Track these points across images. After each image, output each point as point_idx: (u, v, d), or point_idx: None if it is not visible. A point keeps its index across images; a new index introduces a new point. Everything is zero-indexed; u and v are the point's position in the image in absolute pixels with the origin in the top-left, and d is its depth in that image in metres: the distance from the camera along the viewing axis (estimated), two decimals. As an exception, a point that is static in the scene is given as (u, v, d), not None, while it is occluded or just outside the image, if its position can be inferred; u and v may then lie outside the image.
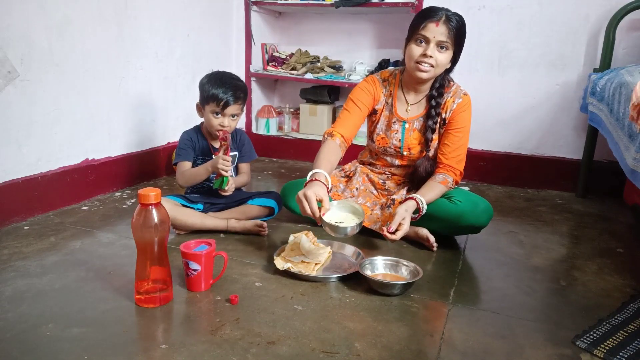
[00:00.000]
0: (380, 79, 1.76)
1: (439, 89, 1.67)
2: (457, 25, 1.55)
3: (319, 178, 1.44)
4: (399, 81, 1.74)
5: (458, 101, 1.68)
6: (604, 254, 1.70)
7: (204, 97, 1.72)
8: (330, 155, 1.58)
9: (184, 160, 1.77)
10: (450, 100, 1.68)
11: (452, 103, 1.68)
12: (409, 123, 1.73)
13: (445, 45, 1.56)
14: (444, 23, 1.54)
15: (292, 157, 3.00)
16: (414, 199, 1.59)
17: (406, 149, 1.74)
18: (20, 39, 1.72)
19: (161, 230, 1.20)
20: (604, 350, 1.11)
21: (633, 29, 2.29)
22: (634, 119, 1.40)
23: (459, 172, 1.70)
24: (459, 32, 1.57)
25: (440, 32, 1.54)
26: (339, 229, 1.37)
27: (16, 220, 1.77)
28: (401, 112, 1.73)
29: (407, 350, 1.10)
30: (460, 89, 1.70)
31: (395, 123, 1.74)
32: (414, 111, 1.73)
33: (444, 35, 1.54)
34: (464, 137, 1.69)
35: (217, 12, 2.79)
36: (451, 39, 1.55)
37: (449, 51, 1.58)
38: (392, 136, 1.75)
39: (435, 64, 1.57)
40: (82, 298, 1.27)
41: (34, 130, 1.82)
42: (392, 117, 1.74)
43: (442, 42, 1.55)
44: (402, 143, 1.74)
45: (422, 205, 1.59)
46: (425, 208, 1.60)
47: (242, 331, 1.14)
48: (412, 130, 1.73)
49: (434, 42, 1.55)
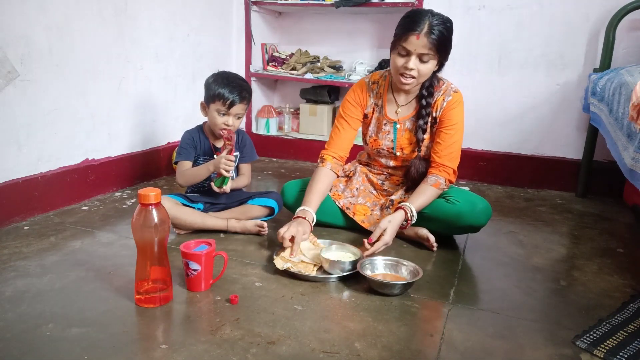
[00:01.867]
0: (370, 82, 1.76)
1: (429, 89, 1.66)
2: (439, 35, 1.51)
3: (305, 216, 1.59)
4: (388, 83, 1.74)
5: (448, 99, 1.66)
6: (604, 254, 1.70)
7: (210, 96, 1.72)
8: (321, 185, 1.69)
9: (184, 160, 1.77)
10: (440, 98, 1.67)
11: (442, 101, 1.67)
12: (400, 124, 1.72)
13: (427, 57, 1.54)
14: (425, 35, 1.50)
15: (292, 157, 3.00)
16: (402, 209, 1.59)
17: (399, 149, 1.74)
18: (20, 39, 1.72)
19: (161, 230, 1.20)
20: (604, 350, 1.11)
21: (633, 29, 2.29)
22: (634, 119, 1.40)
23: (452, 170, 1.68)
24: (442, 41, 1.52)
25: (421, 45, 1.51)
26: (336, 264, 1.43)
27: (16, 220, 1.77)
28: (391, 113, 1.73)
29: (407, 350, 1.10)
30: (451, 87, 1.69)
31: (386, 125, 1.74)
32: (405, 112, 1.73)
33: (425, 48, 1.51)
34: (456, 135, 1.68)
35: (217, 12, 2.79)
36: (433, 50, 1.52)
37: (432, 61, 1.56)
38: (384, 137, 1.75)
39: (417, 75, 1.57)
40: (82, 298, 1.27)
41: (34, 130, 1.82)
42: (383, 119, 1.74)
43: (423, 55, 1.53)
44: (395, 144, 1.74)
45: (411, 213, 1.59)
46: (415, 216, 1.60)
47: (242, 331, 1.14)
48: (404, 130, 1.73)
49: (415, 55, 1.53)
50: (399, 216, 1.57)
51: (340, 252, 1.51)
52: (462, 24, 2.53)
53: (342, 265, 1.42)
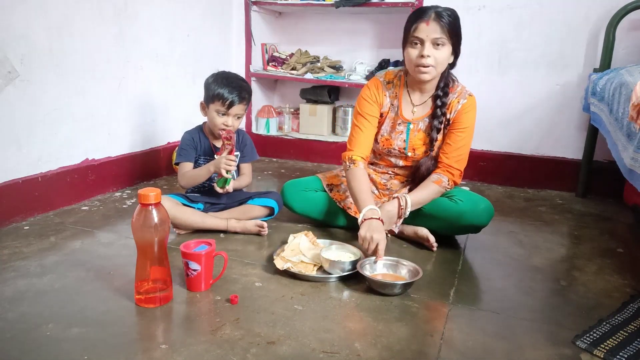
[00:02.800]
0: (385, 81, 1.74)
1: (444, 89, 1.66)
2: (449, 20, 1.54)
3: (377, 216, 1.51)
4: (404, 82, 1.73)
5: (463, 102, 1.66)
6: (604, 254, 1.70)
7: (209, 96, 1.72)
8: (366, 184, 1.64)
9: (185, 162, 1.77)
10: (455, 101, 1.67)
11: (457, 104, 1.67)
12: (414, 124, 1.71)
13: (441, 41, 1.55)
14: (435, 20, 1.53)
15: (292, 157, 3.00)
16: (397, 198, 1.61)
17: (411, 149, 1.73)
18: (20, 39, 1.72)
19: (161, 230, 1.20)
20: (604, 350, 1.11)
21: (633, 29, 2.29)
22: (634, 119, 1.40)
23: (459, 172, 1.69)
24: (453, 26, 1.55)
25: (432, 29, 1.53)
26: (336, 263, 1.43)
27: (16, 220, 1.77)
28: (407, 113, 1.72)
29: (407, 350, 1.10)
30: (466, 90, 1.69)
31: (400, 124, 1.73)
32: (420, 112, 1.72)
33: (437, 32, 1.53)
34: (467, 138, 1.68)
35: (217, 12, 2.79)
36: (445, 34, 1.54)
37: (446, 47, 1.56)
38: (397, 137, 1.74)
39: (434, 62, 1.56)
40: (82, 298, 1.27)
41: (34, 130, 1.82)
42: (398, 118, 1.73)
43: (436, 39, 1.54)
44: (407, 144, 1.73)
45: (405, 202, 1.60)
46: (409, 205, 1.60)
47: (242, 331, 1.14)
48: (417, 131, 1.72)
49: (429, 41, 1.54)
50: (391, 206, 1.60)
51: (340, 252, 1.51)
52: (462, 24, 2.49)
53: (342, 265, 1.42)
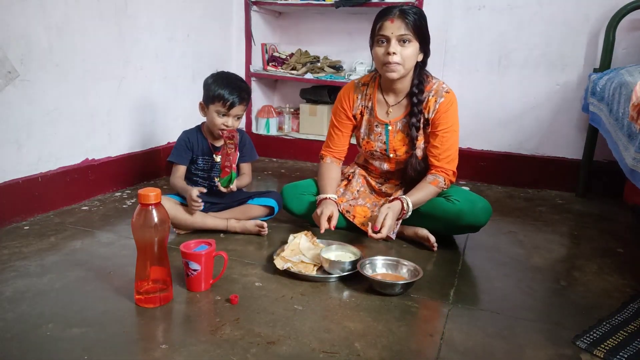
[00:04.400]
0: (360, 83, 1.77)
1: (419, 86, 1.66)
2: (414, 18, 1.54)
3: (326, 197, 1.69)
4: (378, 84, 1.74)
5: (440, 100, 1.65)
6: (604, 254, 1.70)
7: (209, 97, 1.72)
8: (330, 173, 1.78)
9: (178, 164, 1.77)
10: (432, 99, 1.66)
11: (434, 103, 1.65)
12: (392, 125, 1.71)
13: (406, 38, 1.55)
14: (399, 18, 1.53)
15: (292, 157, 3.00)
16: (398, 199, 1.61)
17: (392, 151, 1.73)
18: (20, 39, 1.72)
19: (161, 230, 1.20)
20: (604, 350, 1.11)
21: (633, 29, 2.29)
22: (634, 119, 1.40)
23: (452, 172, 1.69)
24: (417, 23, 1.55)
25: (397, 27, 1.54)
26: (336, 263, 1.43)
27: (16, 220, 1.77)
28: (381, 115, 1.73)
29: (407, 350, 1.10)
30: (443, 87, 1.67)
31: (378, 126, 1.73)
32: (396, 113, 1.71)
33: (401, 29, 1.53)
34: (453, 137, 1.67)
35: (217, 12, 2.79)
36: (410, 31, 1.54)
37: (412, 44, 1.56)
38: (377, 139, 1.74)
39: (401, 60, 1.56)
40: (82, 298, 1.27)
41: (34, 130, 1.82)
42: (374, 120, 1.73)
43: (402, 36, 1.54)
44: (387, 145, 1.73)
45: (407, 204, 1.60)
46: (411, 207, 1.60)
47: (242, 331, 1.14)
48: (396, 132, 1.72)
49: (394, 38, 1.55)
50: (397, 204, 1.60)
51: (340, 252, 1.51)
52: (462, 24, 2.53)
53: (342, 265, 1.43)
